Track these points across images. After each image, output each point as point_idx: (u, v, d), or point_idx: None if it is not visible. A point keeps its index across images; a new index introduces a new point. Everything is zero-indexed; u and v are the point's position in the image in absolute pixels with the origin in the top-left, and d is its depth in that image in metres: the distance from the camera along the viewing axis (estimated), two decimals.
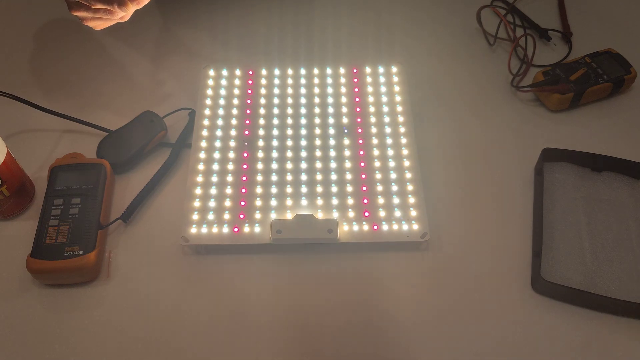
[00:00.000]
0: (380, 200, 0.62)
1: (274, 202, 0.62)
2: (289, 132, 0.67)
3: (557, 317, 0.57)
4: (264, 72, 0.72)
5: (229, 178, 0.63)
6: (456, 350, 0.55)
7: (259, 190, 0.63)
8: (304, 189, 0.62)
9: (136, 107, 0.70)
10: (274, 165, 0.64)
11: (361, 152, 0.65)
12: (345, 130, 0.67)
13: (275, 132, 0.67)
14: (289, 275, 0.60)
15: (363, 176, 0.63)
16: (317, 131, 0.67)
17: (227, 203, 0.62)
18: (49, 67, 0.77)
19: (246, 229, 0.60)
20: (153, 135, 0.67)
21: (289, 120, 0.68)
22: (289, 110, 0.69)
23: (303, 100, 0.70)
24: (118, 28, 0.82)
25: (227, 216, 0.61)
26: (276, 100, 0.70)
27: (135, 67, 0.77)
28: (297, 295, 0.58)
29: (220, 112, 0.68)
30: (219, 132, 0.67)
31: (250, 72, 0.72)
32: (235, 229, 0.60)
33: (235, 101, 0.69)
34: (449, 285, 0.59)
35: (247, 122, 0.68)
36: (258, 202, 0.62)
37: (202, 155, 0.65)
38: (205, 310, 0.57)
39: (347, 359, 0.55)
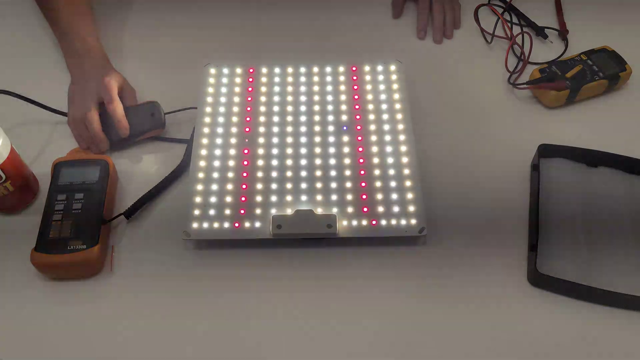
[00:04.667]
0: (379, 196, 0.63)
1: (274, 198, 0.63)
2: (289, 129, 0.68)
3: (553, 309, 0.58)
4: (264, 70, 0.73)
5: (230, 174, 0.64)
6: (453, 343, 0.56)
7: (259, 186, 0.63)
8: (303, 185, 0.63)
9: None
10: (274, 162, 0.65)
11: (360, 149, 0.66)
12: (345, 128, 0.68)
13: (275, 129, 0.68)
14: (288, 270, 0.61)
15: (362, 172, 0.64)
16: (317, 128, 0.68)
17: (228, 199, 0.63)
18: (53, 65, 0.78)
19: (247, 224, 0.61)
20: (149, 128, 0.68)
21: (289, 118, 0.69)
22: (289, 108, 0.69)
23: (303, 98, 0.70)
24: (119, 27, 0.83)
25: (228, 211, 0.62)
26: (276, 98, 0.70)
27: (138, 65, 0.78)
28: (296, 289, 0.59)
29: (221, 109, 0.69)
30: (220, 130, 0.68)
31: (251, 70, 0.73)
32: (236, 224, 0.61)
33: (236, 99, 0.70)
34: (446, 279, 0.60)
35: (248, 119, 0.69)
36: (258, 198, 0.63)
37: (204, 152, 0.66)
38: (207, 304, 0.58)
39: (343, 350, 0.56)
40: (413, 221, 0.61)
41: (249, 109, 0.70)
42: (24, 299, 0.59)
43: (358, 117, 0.69)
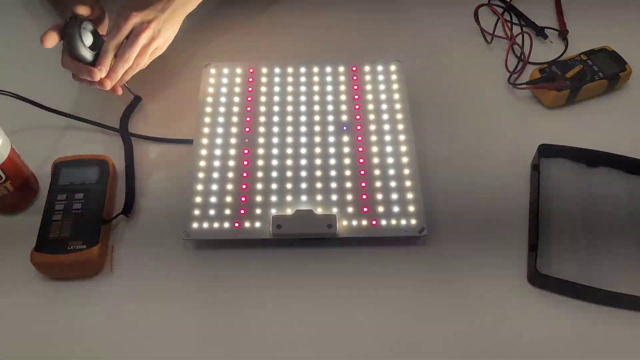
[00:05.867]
0: (379, 196, 0.63)
1: (274, 198, 0.63)
2: (289, 129, 0.68)
3: (553, 309, 0.58)
4: (264, 70, 0.73)
5: (230, 174, 0.64)
6: (452, 343, 0.56)
7: (259, 186, 0.63)
8: (303, 185, 0.63)
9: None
10: (274, 162, 0.65)
11: (360, 149, 0.66)
12: (345, 128, 0.68)
13: (275, 129, 0.68)
14: (288, 270, 0.61)
15: (362, 172, 0.64)
16: (317, 128, 0.68)
17: (228, 199, 0.63)
18: (53, 66, 0.78)
19: (247, 224, 0.61)
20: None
21: (289, 118, 0.69)
22: (289, 108, 0.70)
23: (303, 98, 0.70)
24: None
25: (228, 211, 0.62)
26: (276, 98, 0.70)
27: None
28: (296, 289, 0.59)
29: (222, 109, 0.69)
30: (220, 130, 0.68)
31: (251, 70, 0.73)
32: (236, 224, 0.61)
33: (236, 99, 0.70)
34: (446, 279, 0.60)
35: (248, 119, 0.69)
36: (258, 198, 0.63)
37: (204, 152, 0.66)
38: (207, 304, 0.58)
39: (343, 350, 0.56)
40: (413, 221, 0.61)
41: (249, 109, 0.70)
42: (24, 299, 0.59)
43: (358, 117, 0.69)
